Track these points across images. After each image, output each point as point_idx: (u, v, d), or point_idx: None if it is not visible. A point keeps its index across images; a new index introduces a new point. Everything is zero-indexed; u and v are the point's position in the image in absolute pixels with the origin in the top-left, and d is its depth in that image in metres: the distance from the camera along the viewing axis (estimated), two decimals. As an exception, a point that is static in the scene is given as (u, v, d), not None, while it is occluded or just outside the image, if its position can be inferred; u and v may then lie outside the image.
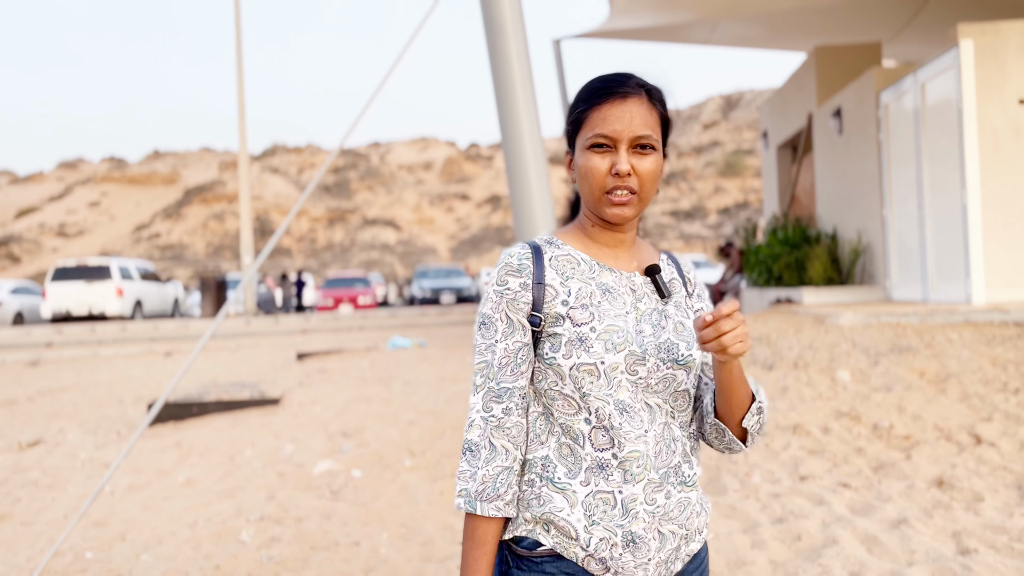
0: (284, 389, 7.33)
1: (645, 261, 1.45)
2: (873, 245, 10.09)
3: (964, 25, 7.98)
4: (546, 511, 1.30)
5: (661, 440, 1.33)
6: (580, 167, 1.36)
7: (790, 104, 13.86)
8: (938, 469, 4.31)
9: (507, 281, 1.34)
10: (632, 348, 1.31)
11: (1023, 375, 5.48)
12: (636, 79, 1.38)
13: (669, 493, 1.33)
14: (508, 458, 1.31)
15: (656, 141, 1.36)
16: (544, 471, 1.32)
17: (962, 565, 3.19)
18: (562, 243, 1.41)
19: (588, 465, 1.30)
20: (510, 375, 1.33)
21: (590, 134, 1.35)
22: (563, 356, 1.30)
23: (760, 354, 6.55)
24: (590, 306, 1.33)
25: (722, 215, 55.40)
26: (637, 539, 1.29)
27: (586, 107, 1.36)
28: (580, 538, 1.29)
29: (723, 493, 4.21)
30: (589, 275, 1.37)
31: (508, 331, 1.33)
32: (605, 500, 1.29)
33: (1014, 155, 7.94)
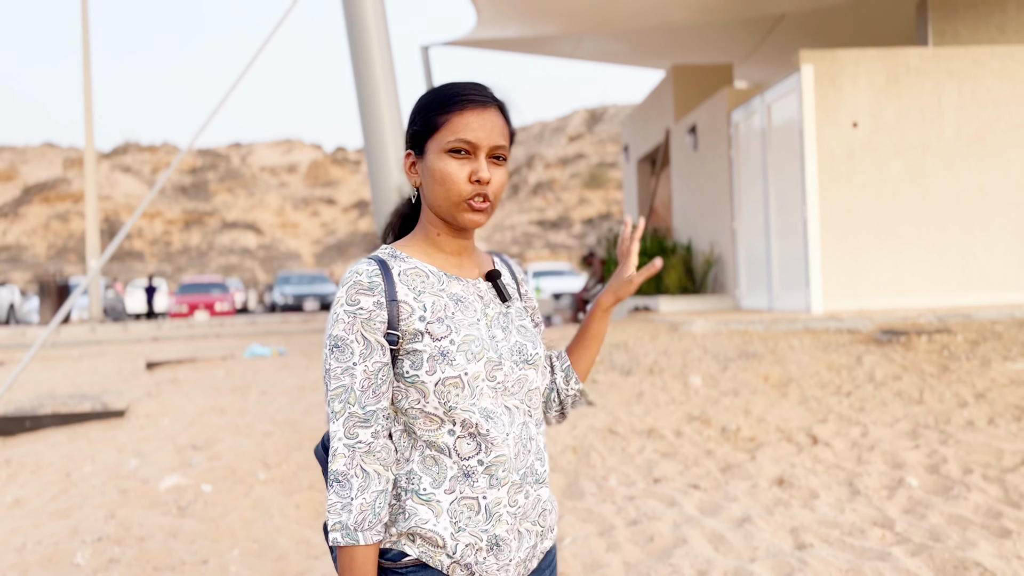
0: (130, 400, 6.92)
1: (484, 267, 1.47)
2: (724, 256, 10.61)
3: (806, 51, 8.54)
4: (412, 524, 1.30)
5: (520, 441, 1.36)
6: (435, 171, 1.35)
7: (649, 120, 14.40)
8: (779, 469, 4.56)
9: (359, 300, 1.30)
10: (489, 355, 1.33)
11: (854, 379, 5.90)
12: (491, 90, 1.40)
13: (527, 493, 1.36)
14: (382, 481, 1.29)
15: (508, 152, 1.39)
16: (409, 484, 1.32)
17: (799, 559, 3.38)
18: (407, 256, 1.39)
19: (453, 474, 1.31)
20: (373, 397, 1.30)
21: (451, 138, 1.34)
22: (427, 372, 1.29)
23: (618, 360, 6.74)
24: (446, 319, 1.33)
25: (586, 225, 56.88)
26: (500, 542, 1.31)
27: (446, 112, 1.35)
28: (447, 546, 1.29)
29: (580, 497, 4.29)
30: (439, 287, 1.37)
31: (366, 352, 1.30)
32: (470, 506, 1.30)
33: (849, 174, 8.56)
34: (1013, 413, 5.18)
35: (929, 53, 8.76)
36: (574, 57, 15.60)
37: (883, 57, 8.67)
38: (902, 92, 8.64)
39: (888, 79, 8.63)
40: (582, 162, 61.62)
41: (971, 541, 3.47)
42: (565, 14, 12.12)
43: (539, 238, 56.23)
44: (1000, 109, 8.71)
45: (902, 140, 8.63)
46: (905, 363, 6.08)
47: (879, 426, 5.07)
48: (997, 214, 8.69)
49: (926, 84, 8.66)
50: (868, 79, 8.62)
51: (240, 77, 3.69)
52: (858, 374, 5.97)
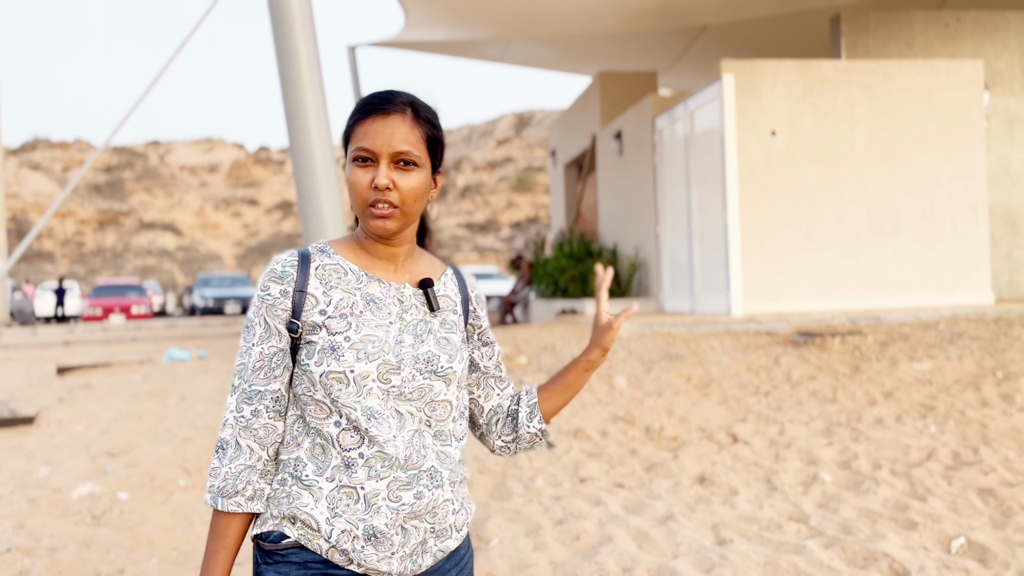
0: (40, 407, 6.64)
1: (422, 274, 1.50)
2: (648, 260, 10.82)
3: (727, 61, 8.78)
4: (293, 507, 1.35)
5: (411, 445, 1.37)
6: (347, 180, 1.42)
7: (576, 125, 14.57)
8: (700, 467, 4.68)
9: (269, 287, 1.39)
10: (387, 357, 1.36)
11: (772, 379, 6.09)
12: (404, 96, 1.43)
13: (420, 493, 1.37)
14: (252, 457, 1.37)
15: (419, 158, 1.40)
16: (295, 470, 1.37)
17: (719, 554, 3.48)
18: (334, 252, 1.45)
19: (336, 464, 1.35)
20: (263, 378, 1.38)
21: (354, 147, 1.40)
22: (315, 363, 1.35)
23: (545, 362, 6.80)
24: (349, 316, 1.38)
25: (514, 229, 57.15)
26: (379, 533, 1.34)
27: (353, 122, 1.42)
28: (322, 530, 1.33)
29: (508, 498, 4.31)
30: (355, 285, 1.41)
31: (265, 335, 1.38)
32: (349, 495, 1.34)
33: (767, 181, 8.84)
34: (919, 411, 5.44)
35: (842, 66, 9.12)
36: (503, 61, 15.68)
37: (800, 68, 8.98)
38: (817, 102, 8.97)
39: (804, 89, 8.95)
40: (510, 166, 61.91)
41: (880, 533, 3.63)
42: (493, 18, 12.18)
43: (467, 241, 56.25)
44: (908, 120, 9.12)
45: (817, 149, 8.96)
46: (820, 364, 6.31)
47: (795, 424, 5.25)
48: (905, 220, 9.09)
49: (839, 95, 9.01)
50: (786, 89, 8.91)
51: (160, 74, 3.60)
52: (776, 374, 6.16)
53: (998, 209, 10.30)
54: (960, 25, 10.42)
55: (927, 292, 9.08)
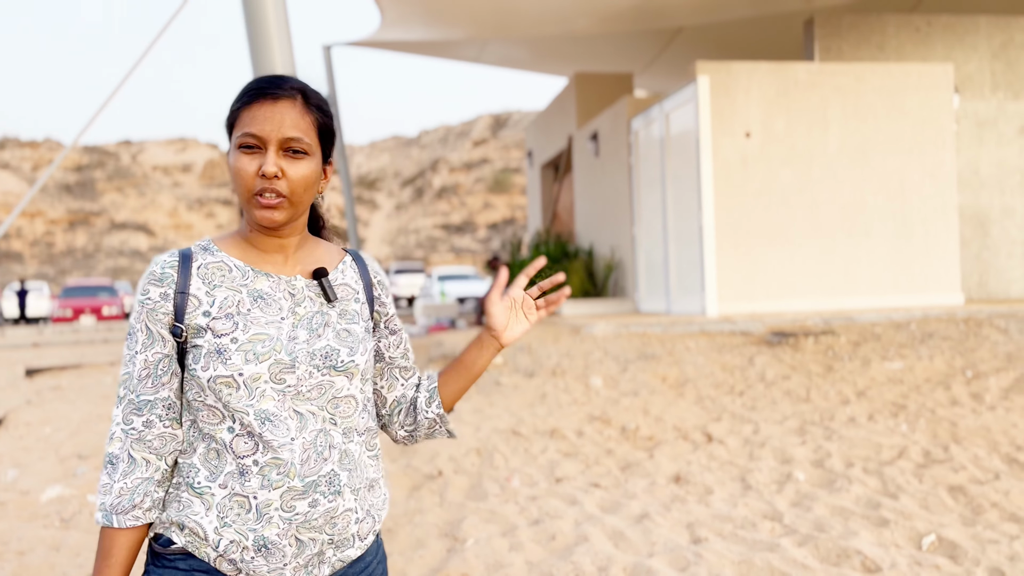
0: (8, 409, 6.54)
1: (315, 263, 1.41)
2: (624, 261, 10.86)
3: (702, 63, 8.83)
4: (182, 515, 1.30)
5: (311, 448, 1.31)
6: (230, 167, 1.34)
7: (553, 126, 14.60)
8: (676, 466, 4.70)
9: (148, 291, 1.32)
10: (279, 356, 1.29)
11: (746, 379, 6.13)
12: (294, 82, 1.36)
13: (316, 501, 1.30)
14: (148, 469, 1.31)
15: (309, 146, 1.33)
16: (187, 476, 1.32)
17: (694, 553, 3.49)
18: (217, 249, 1.37)
19: (230, 470, 1.29)
20: (151, 387, 1.31)
21: (240, 133, 1.31)
22: (202, 368, 1.28)
23: (522, 363, 6.80)
24: (235, 315, 1.31)
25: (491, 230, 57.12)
26: (270, 544, 1.28)
27: (238, 106, 1.33)
28: (210, 539, 1.28)
29: (484, 499, 4.30)
30: (241, 282, 1.34)
31: (148, 342, 1.31)
32: (241, 503, 1.28)
33: (742, 182, 8.90)
34: (890, 410, 5.50)
35: (816, 68, 9.21)
36: (479, 62, 15.66)
37: (774, 71, 9.05)
38: (791, 105, 9.05)
39: (778, 92, 9.03)
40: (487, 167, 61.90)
41: (853, 531, 3.66)
42: (469, 18, 12.16)
43: (443, 242, 56.14)
44: (880, 122, 9.23)
45: (791, 151, 9.04)
46: (793, 363, 6.37)
47: (769, 424, 5.29)
48: (877, 222, 9.20)
49: (813, 98, 9.10)
50: (760, 91, 8.98)
51: (130, 72, 3.56)
52: (750, 374, 6.21)
53: (967, 211, 10.46)
54: (931, 29, 10.57)
55: (899, 292, 9.19)
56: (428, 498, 4.29)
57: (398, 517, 4.05)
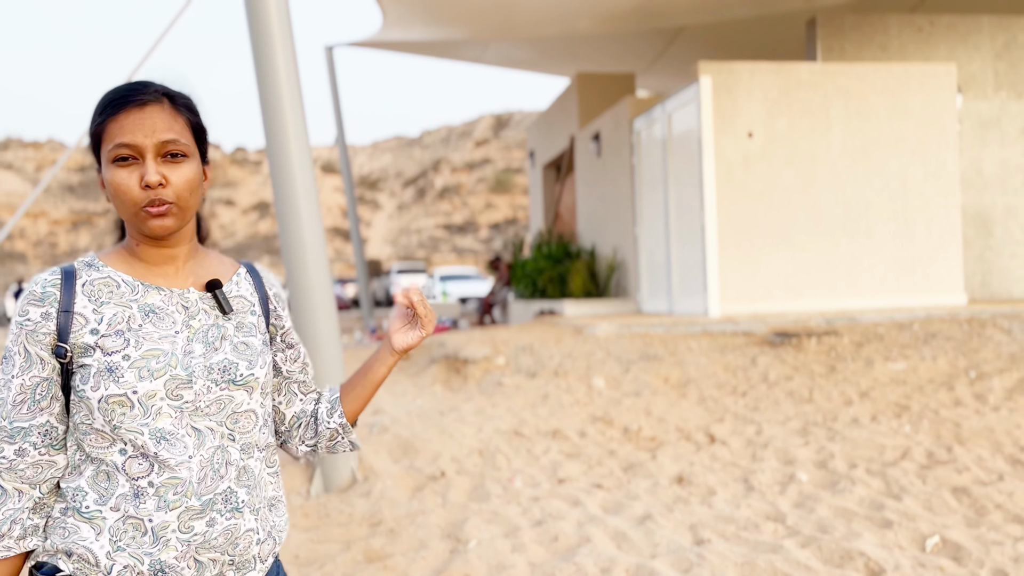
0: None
1: (208, 275, 1.39)
2: (627, 261, 10.85)
3: (704, 63, 8.82)
4: (68, 541, 1.24)
5: (208, 465, 1.27)
6: (109, 183, 1.27)
7: (555, 126, 14.59)
8: (679, 467, 4.69)
9: (28, 311, 1.26)
10: (175, 372, 1.26)
11: (749, 379, 6.12)
12: (156, 86, 1.32)
13: (213, 520, 1.27)
14: (21, 499, 1.26)
15: (187, 147, 1.30)
16: (73, 501, 1.26)
17: (697, 554, 3.49)
18: (103, 265, 1.32)
19: (122, 492, 1.24)
20: (26, 413, 1.25)
21: (111, 146, 1.27)
22: (91, 388, 1.23)
23: (524, 363, 6.80)
24: (126, 332, 1.26)
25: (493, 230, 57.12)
26: (167, 568, 1.24)
27: (103, 119, 1.28)
28: (102, 565, 1.23)
29: (486, 500, 4.30)
30: (131, 297, 1.29)
31: (25, 366, 1.25)
32: (135, 526, 1.23)
33: (744, 182, 8.89)
34: (893, 410, 5.49)
35: (818, 68, 9.20)
36: (481, 62, 15.67)
37: (776, 71, 9.04)
38: (793, 105, 9.04)
39: (781, 92, 9.02)
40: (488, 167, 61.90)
41: (856, 532, 3.66)
42: (470, 18, 12.17)
43: (445, 242, 56.15)
44: (882, 123, 9.22)
45: (794, 151, 9.03)
46: (796, 364, 6.36)
47: (772, 424, 5.29)
48: (879, 222, 9.19)
49: (815, 98, 9.09)
50: (762, 91, 8.98)
51: (132, 74, 3.56)
52: (753, 375, 6.20)
53: (970, 211, 10.44)
54: (933, 29, 10.55)
55: (901, 293, 9.18)
56: (430, 499, 4.29)
57: (400, 518, 4.05)
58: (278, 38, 4.48)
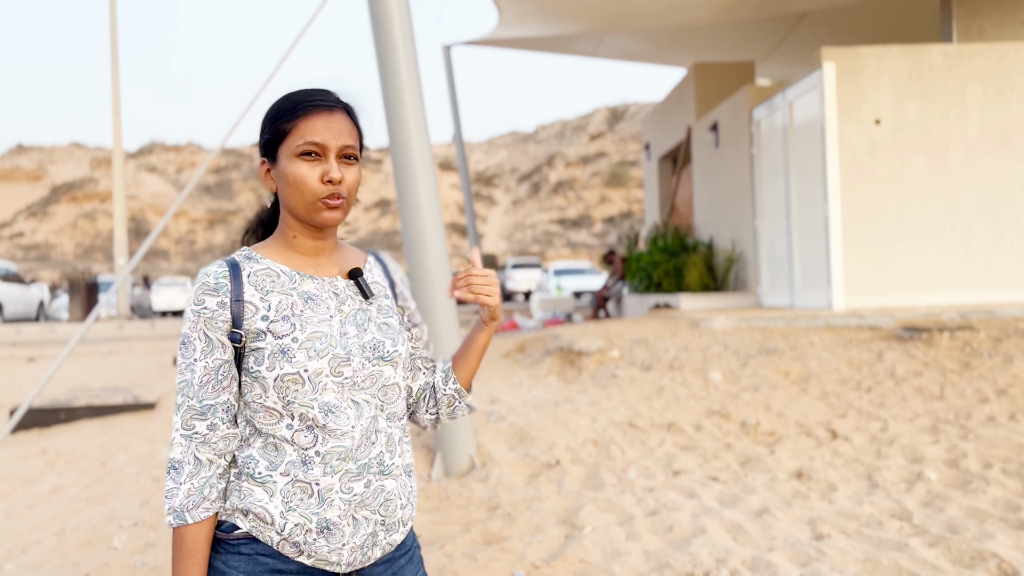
0: (160, 394, 7.07)
1: (348, 265, 1.53)
2: (746, 254, 10.62)
3: (828, 49, 8.53)
4: (246, 502, 1.39)
5: (365, 434, 1.41)
6: (289, 176, 1.42)
7: (671, 118, 14.41)
8: (798, 462, 4.61)
9: (204, 300, 1.39)
10: (336, 351, 1.39)
11: (875, 375, 5.92)
12: (338, 95, 1.48)
13: (369, 482, 1.41)
14: (212, 468, 1.40)
15: (357, 152, 1.46)
16: (246, 467, 1.41)
17: (816, 549, 3.44)
18: (261, 257, 1.46)
19: (290, 460, 1.38)
20: (212, 392, 1.39)
21: (300, 142, 1.41)
22: (267, 369, 1.37)
23: (638, 356, 6.80)
24: (291, 317, 1.40)
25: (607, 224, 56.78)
26: (332, 525, 1.37)
27: (293, 117, 1.42)
28: (276, 523, 1.37)
29: (601, 488, 4.36)
30: (290, 286, 1.43)
31: (207, 350, 1.39)
32: (303, 489, 1.37)
33: (870, 171, 8.55)
34: (1034, 409, 5.19)
35: (953, 50, 8.73)
36: (595, 56, 15.64)
37: (906, 54, 8.65)
38: (925, 89, 8.62)
39: (911, 76, 8.61)
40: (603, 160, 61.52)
41: (989, 533, 3.51)
42: (586, 13, 12.18)
43: (560, 237, 56.21)
44: (1024, 106, 8.66)
45: (925, 137, 8.61)
46: (926, 360, 6.09)
47: (899, 421, 5.10)
48: (1020, 211, 8.64)
49: (950, 81, 8.63)
50: (891, 76, 8.60)
51: (270, 77, 3.80)
52: (879, 370, 5.99)
53: None
54: (1084, 3, 9.80)
55: (1046, 286, 8.61)
56: (546, 486, 4.38)
57: (517, 503, 4.16)
58: (400, 39, 4.67)
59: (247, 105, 3.55)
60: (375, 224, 57.96)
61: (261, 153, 1.49)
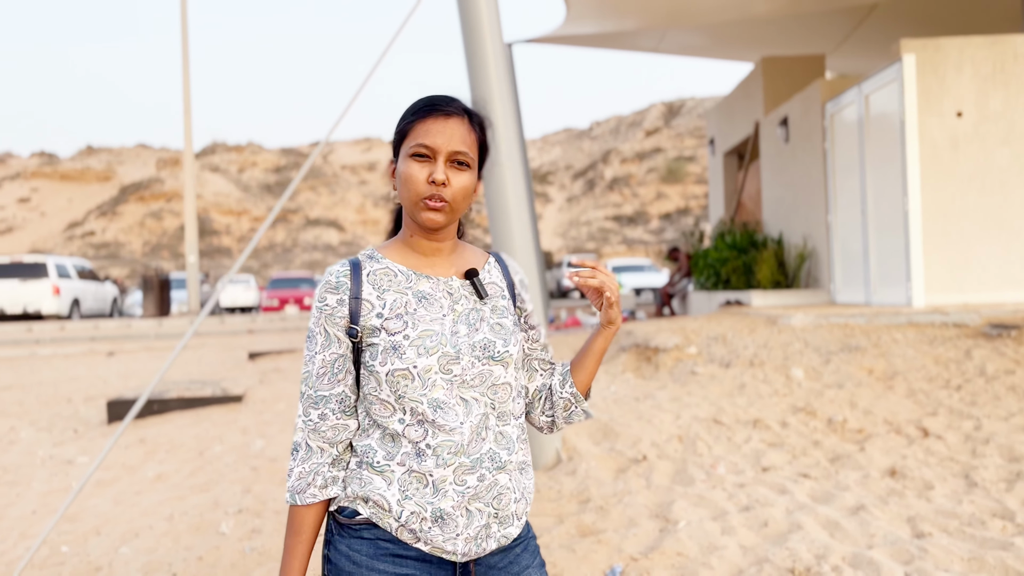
0: (245, 387, 7.29)
1: (466, 265, 1.57)
2: (818, 250, 10.47)
3: (907, 41, 8.36)
4: (366, 490, 1.45)
5: (476, 430, 1.45)
6: (401, 174, 1.49)
7: (737, 112, 14.25)
8: (890, 460, 4.55)
9: (326, 297, 1.48)
10: (445, 349, 1.44)
11: (963, 373, 5.80)
12: (460, 103, 1.52)
13: (483, 476, 1.45)
14: (322, 456, 1.47)
15: (472, 160, 1.49)
16: (366, 456, 1.47)
17: (918, 547, 3.40)
18: (382, 257, 1.53)
19: (406, 451, 1.44)
20: (327, 383, 1.47)
21: (413, 143, 1.48)
22: (380, 364, 1.43)
23: (717, 353, 6.77)
24: (404, 315, 1.45)
25: (664, 220, 56.30)
26: (445, 516, 1.42)
27: (412, 120, 1.49)
28: (393, 510, 1.43)
29: (691, 484, 4.37)
30: (406, 285, 1.49)
31: (326, 344, 1.47)
32: (419, 479, 1.43)
33: (952, 165, 8.36)
34: None
35: (1038, 39, 8.48)
36: (658, 51, 15.53)
37: (989, 45, 8.43)
38: (1009, 80, 8.39)
39: (995, 67, 8.39)
40: (659, 156, 61.01)
41: (1099, 533, 3.43)
42: (652, 9, 12.12)
43: (615, 233, 55.95)
44: (1115, 96, 8.37)
45: (1010, 130, 8.38)
46: (1018, 357, 5.95)
47: (993, 420, 5.00)
48: (1112, 205, 8.36)
49: (1035, 72, 8.39)
50: (973, 68, 8.39)
51: (368, 77, 3.89)
52: (967, 368, 5.87)
53: None
54: None
55: None
56: (634, 480, 4.41)
57: (607, 497, 4.20)
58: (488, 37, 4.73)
59: (348, 103, 3.65)
60: (431, 222, 58.42)
61: (393, 153, 1.56)
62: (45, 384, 9.48)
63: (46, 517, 4.36)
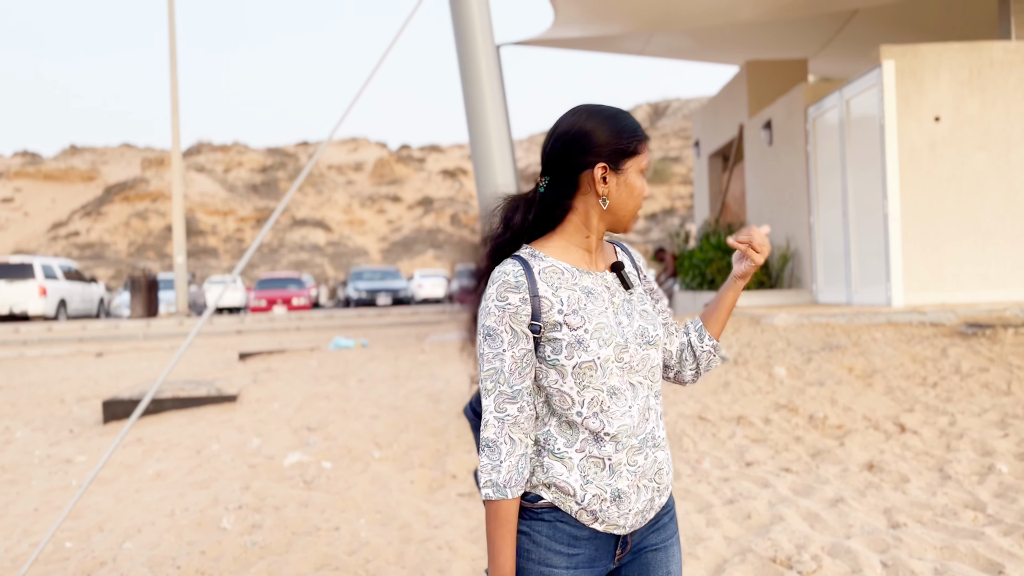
0: (240, 387, 7.38)
1: (608, 259, 1.70)
2: (801, 251, 10.67)
3: (887, 47, 8.56)
4: (549, 476, 1.56)
5: (641, 412, 1.59)
6: (634, 187, 1.64)
7: (722, 115, 14.45)
8: (868, 455, 4.72)
9: (507, 297, 1.55)
10: (617, 340, 1.56)
11: (940, 371, 5.99)
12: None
13: (647, 455, 1.59)
14: (523, 447, 1.56)
15: None
16: (546, 444, 1.58)
17: (894, 537, 3.57)
18: (544, 255, 1.62)
19: (584, 438, 1.56)
20: (519, 378, 1.56)
21: (645, 163, 1.64)
22: (566, 357, 1.54)
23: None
24: (580, 310, 1.56)
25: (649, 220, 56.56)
26: (622, 494, 1.56)
27: (641, 140, 1.64)
28: (576, 494, 1.54)
29: (677, 478, 4.53)
30: (572, 282, 1.59)
31: (513, 341, 1.55)
32: (596, 463, 1.55)
33: (930, 168, 8.57)
34: (1104, 405, 5.23)
35: (1014, 47, 8.70)
36: (643, 54, 15.70)
37: (966, 51, 8.64)
38: (986, 85, 8.61)
39: (971, 73, 8.61)
40: (645, 157, 61.10)
41: (1064, 522, 3.60)
42: (636, 13, 12.27)
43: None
44: (1088, 101, 8.60)
45: (986, 134, 8.60)
46: (992, 355, 6.15)
47: (967, 416, 5.18)
48: (1085, 207, 8.59)
49: (1011, 78, 8.61)
50: (951, 73, 8.60)
51: (369, 77, 3.99)
52: (944, 366, 6.06)
53: None
54: None
55: (1110, 282, 8.54)
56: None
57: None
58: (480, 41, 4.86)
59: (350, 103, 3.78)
60: (418, 222, 58.49)
61: (602, 158, 1.61)
62: (36, 385, 9.53)
63: (48, 514, 4.46)
